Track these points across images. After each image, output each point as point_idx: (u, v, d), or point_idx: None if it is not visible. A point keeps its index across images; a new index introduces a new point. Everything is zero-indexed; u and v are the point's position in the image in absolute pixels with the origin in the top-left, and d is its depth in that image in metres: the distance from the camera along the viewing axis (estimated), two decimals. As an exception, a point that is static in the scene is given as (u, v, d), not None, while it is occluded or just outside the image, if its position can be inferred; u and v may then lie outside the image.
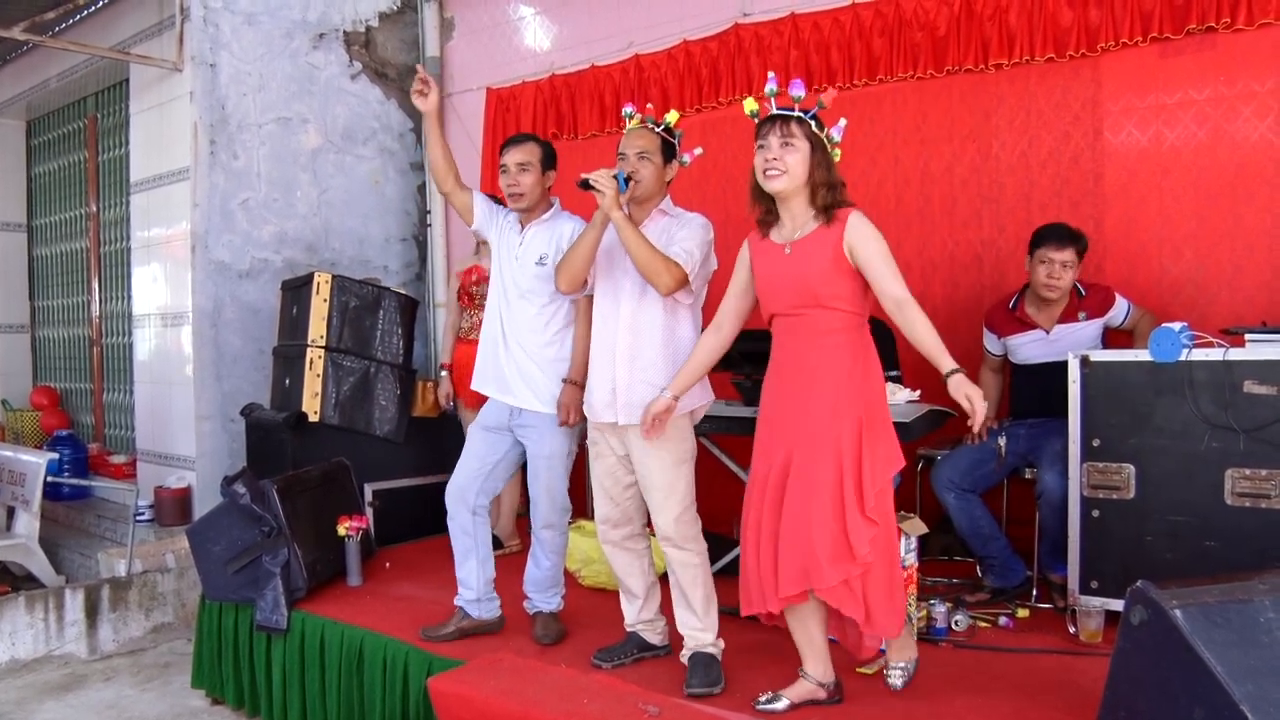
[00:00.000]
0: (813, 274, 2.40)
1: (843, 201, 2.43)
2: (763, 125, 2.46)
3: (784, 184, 2.41)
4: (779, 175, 2.40)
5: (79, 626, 4.34)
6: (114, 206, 6.26)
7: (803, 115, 2.43)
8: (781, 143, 2.40)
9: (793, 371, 2.46)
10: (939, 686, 2.61)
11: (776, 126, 2.42)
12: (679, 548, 2.72)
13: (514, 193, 3.05)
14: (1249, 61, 3.40)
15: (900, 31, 4.04)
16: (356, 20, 5.74)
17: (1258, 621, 1.78)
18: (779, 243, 2.49)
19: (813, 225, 2.44)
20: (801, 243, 2.44)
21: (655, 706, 2.50)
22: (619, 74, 4.90)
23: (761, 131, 2.45)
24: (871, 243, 2.38)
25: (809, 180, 2.41)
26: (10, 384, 7.10)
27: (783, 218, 2.50)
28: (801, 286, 2.42)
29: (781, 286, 2.47)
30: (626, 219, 2.64)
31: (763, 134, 2.44)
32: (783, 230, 2.50)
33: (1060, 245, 3.36)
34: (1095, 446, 3.05)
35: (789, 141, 2.40)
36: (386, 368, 4.65)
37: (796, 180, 2.41)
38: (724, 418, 3.58)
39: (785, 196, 2.44)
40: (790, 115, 2.42)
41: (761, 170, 2.43)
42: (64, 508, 5.89)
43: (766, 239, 2.54)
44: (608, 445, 2.83)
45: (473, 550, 3.18)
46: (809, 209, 2.44)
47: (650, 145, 2.77)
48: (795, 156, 2.39)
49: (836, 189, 2.42)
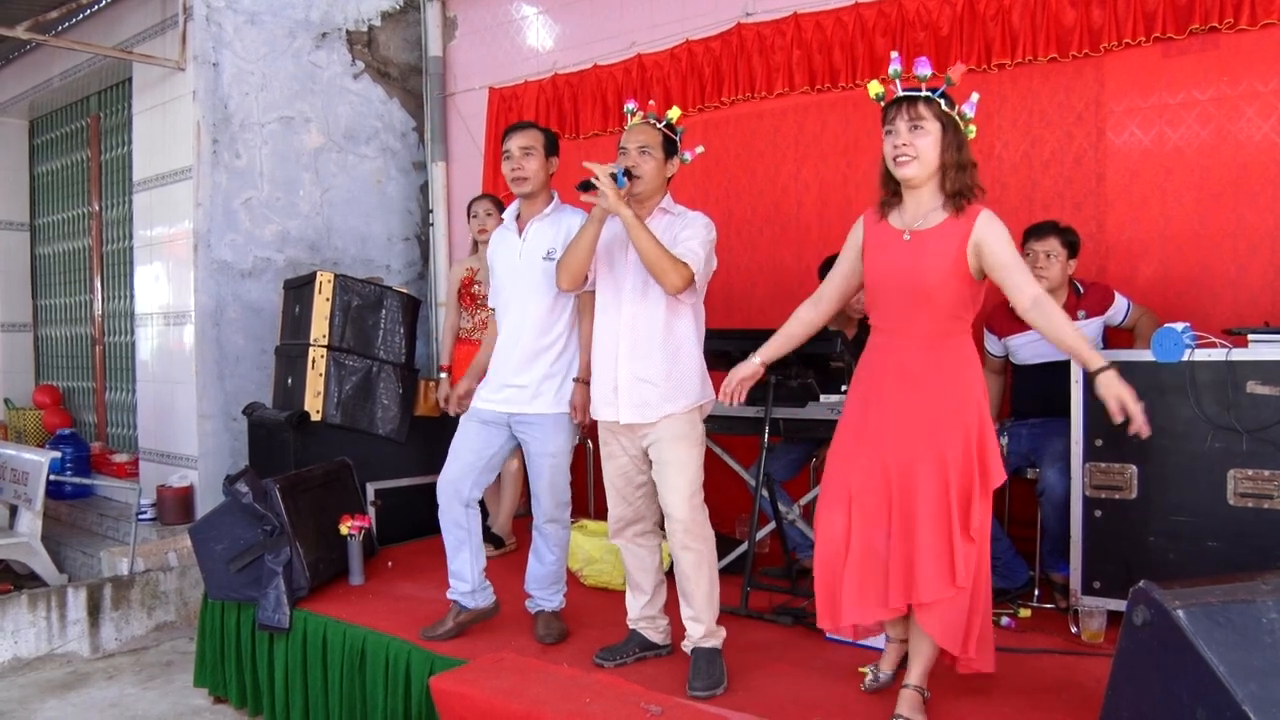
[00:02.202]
0: (931, 270, 2.27)
1: (975, 186, 2.30)
2: (889, 109, 2.32)
3: (915, 170, 2.28)
4: (909, 161, 2.27)
5: (81, 625, 4.34)
6: (116, 205, 6.27)
7: (930, 94, 2.29)
8: (911, 126, 2.27)
9: (895, 376, 2.33)
10: (940, 686, 2.61)
11: (904, 109, 2.28)
12: (689, 532, 2.69)
13: (518, 177, 3.02)
14: (1252, 62, 3.40)
15: (903, 31, 4.03)
16: (359, 20, 5.75)
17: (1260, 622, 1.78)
18: (898, 228, 2.35)
19: (939, 216, 2.31)
20: (924, 234, 2.30)
21: (658, 706, 2.50)
22: (621, 73, 4.91)
23: (888, 116, 2.31)
24: (1002, 240, 2.25)
25: (941, 163, 2.29)
26: (13, 382, 7.11)
27: (906, 202, 2.35)
28: (916, 281, 2.29)
29: (894, 278, 2.33)
30: (636, 218, 2.64)
31: (889, 118, 2.30)
32: (904, 215, 2.36)
33: (1041, 236, 3.39)
34: (1098, 446, 3.04)
35: (918, 124, 2.27)
36: (389, 367, 4.65)
37: (929, 165, 2.28)
38: (726, 417, 3.59)
39: (916, 184, 2.31)
40: (918, 96, 2.29)
41: (891, 157, 2.29)
42: (66, 506, 5.90)
43: (884, 221, 2.39)
44: (619, 446, 2.83)
45: (466, 542, 3.15)
46: (938, 195, 2.32)
47: (651, 140, 2.77)
48: (926, 140, 2.27)
49: (968, 170, 2.29)
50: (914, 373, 2.31)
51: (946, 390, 2.27)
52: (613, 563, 3.63)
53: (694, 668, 2.69)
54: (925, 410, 2.29)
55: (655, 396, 2.71)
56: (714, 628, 2.75)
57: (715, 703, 2.57)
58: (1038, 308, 2.25)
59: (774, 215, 4.50)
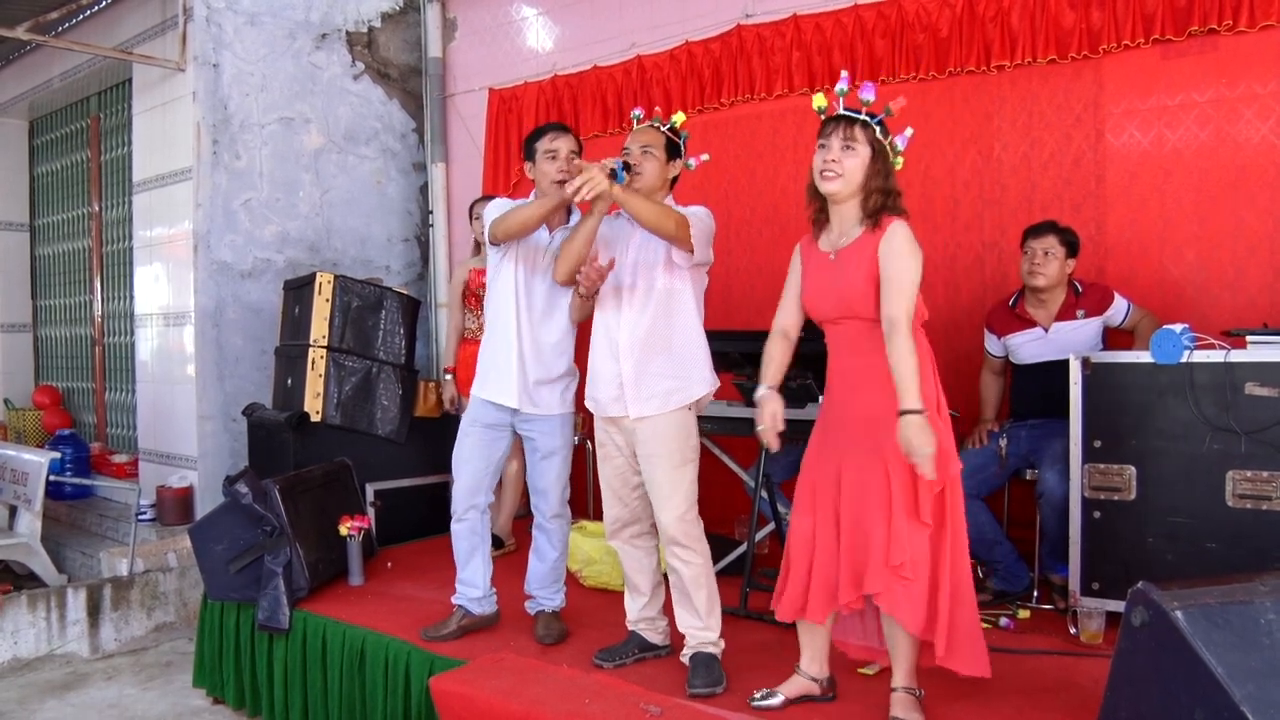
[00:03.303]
0: (850, 285, 2.36)
1: (893, 208, 2.37)
2: (827, 124, 2.40)
3: (838, 186, 2.36)
4: (834, 178, 2.36)
5: (81, 626, 4.34)
6: (116, 206, 6.27)
7: (868, 119, 2.37)
8: (843, 145, 2.35)
9: (840, 379, 2.44)
10: (939, 687, 2.61)
11: (840, 128, 2.36)
12: (682, 546, 2.72)
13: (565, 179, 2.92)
14: (1251, 64, 3.40)
15: (902, 33, 4.04)
16: (359, 21, 5.75)
17: (1258, 623, 1.78)
18: (825, 250, 2.45)
19: (858, 231, 2.39)
20: (845, 251, 2.40)
21: (657, 706, 2.50)
22: (621, 75, 4.91)
23: (825, 131, 2.39)
24: (895, 255, 2.30)
25: (864, 186, 2.36)
26: (12, 383, 7.11)
27: (832, 221, 2.45)
28: (840, 297, 2.38)
29: (824, 296, 2.43)
30: (628, 190, 2.66)
31: (825, 133, 2.39)
32: (830, 236, 2.46)
33: (1039, 234, 3.43)
34: (1096, 448, 3.05)
35: (850, 145, 2.35)
36: (389, 368, 4.65)
37: (851, 184, 2.36)
38: (725, 418, 3.59)
39: (838, 200, 2.39)
40: (856, 118, 2.37)
41: (818, 170, 2.38)
42: (66, 507, 5.90)
43: (815, 244, 2.49)
44: (615, 446, 2.84)
45: (479, 548, 3.19)
46: (858, 213, 2.39)
47: (654, 141, 2.80)
48: (854, 161, 2.35)
49: (890, 197, 2.36)
50: (853, 378, 2.41)
51: (885, 389, 2.32)
52: (612, 564, 3.63)
53: (693, 668, 2.70)
54: (865, 411, 2.37)
55: (663, 389, 2.72)
56: (715, 637, 2.76)
57: (715, 702, 2.57)
58: (891, 329, 2.28)
59: (773, 216, 4.51)
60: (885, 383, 2.31)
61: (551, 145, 2.99)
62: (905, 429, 2.21)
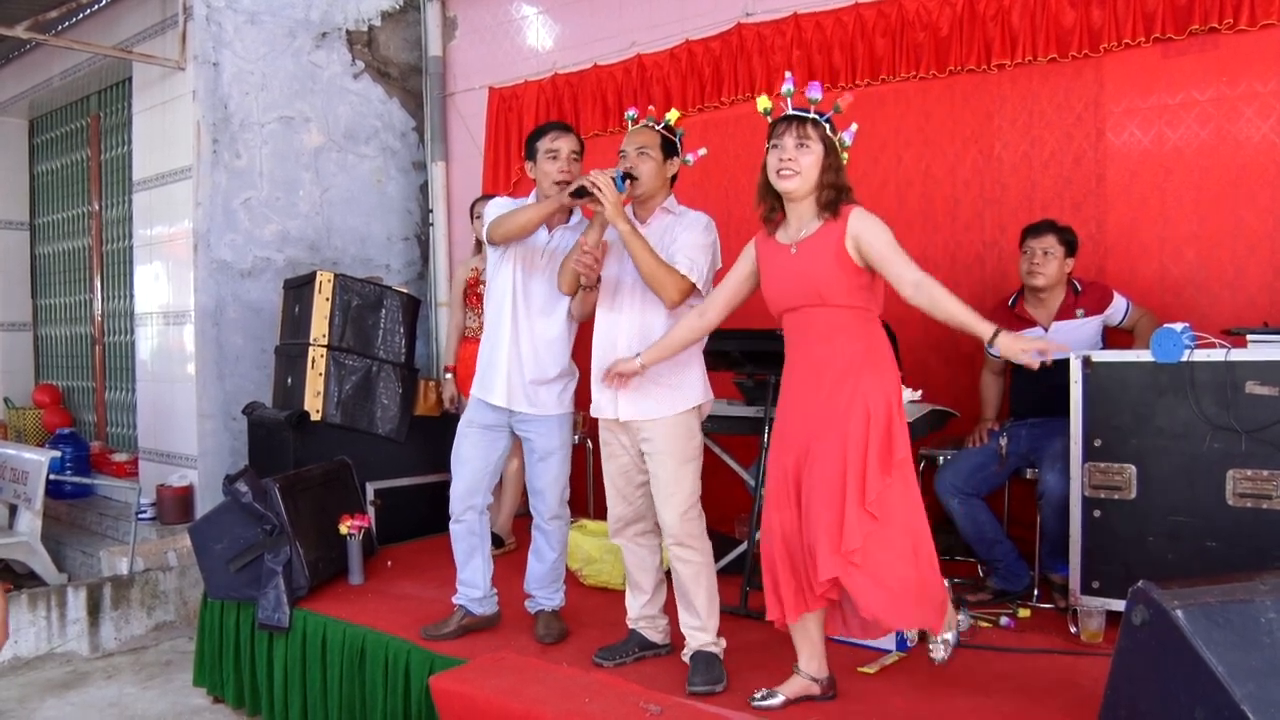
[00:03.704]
0: (817, 272, 2.40)
1: (848, 201, 2.44)
2: (777, 125, 2.45)
3: (796, 184, 2.41)
4: (792, 175, 2.40)
5: (81, 624, 4.34)
6: (116, 205, 6.27)
7: (818, 118, 2.43)
8: (797, 144, 2.40)
9: (803, 369, 2.47)
10: (940, 686, 2.61)
11: (793, 127, 2.42)
12: (683, 545, 2.72)
13: (566, 180, 2.93)
14: (1251, 62, 3.40)
15: (903, 32, 4.04)
16: (359, 19, 5.75)
17: (1259, 622, 1.78)
18: (785, 243, 2.49)
19: (816, 224, 2.44)
20: (806, 242, 2.44)
21: (657, 705, 2.50)
22: (621, 73, 4.91)
23: (776, 131, 2.45)
24: (876, 232, 2.37)
25: (819, 182, 2.42)
26: (12, 382, 7.11)
27: (789, 217, 2.50)
28: (807, 285, 2.42)
29: (788, 286, 2.47)
30: (632, 230, 2.67)
31: (777, 133, 2.44)
32: (789, 230, 2.51)
33: (1039, 234, 3.43)
34: (1097, 447, 3.05)
35: (804, 143, 2.40)
36: (389, 367, 4.65)
37: (809, 182, 2.41)
38: (726, 417, 3.59)
39: (795, 197, 2.45)
40: (806, 117, 2.42)
41: (775, 170, 2.43)
42: (66, 506, 5.90)
43: (772, 239, 2.54)
44: (620, 445, 2.84)
45: (478, 548, 3.19)
46: (814, 208, 2.45)
47: (650, 141, 2.79)
48: (810, 158, 2.40)
49: (843, 192, 2.43)
50: (816, 367, 2.43)
51: (846, 377, 2.37)
52: (612, 563, 3.63)
53: (693, 667, 2.70)
54: (824, 399, 2.40)
55: (655, 395, 2.72)
56: (715, 636, 2.76)
57: (715, 702, 2.57)
58: (920, 291, 2.32)
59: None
60: (852, 368, 2.38)
61: (553, 145, 2.98)
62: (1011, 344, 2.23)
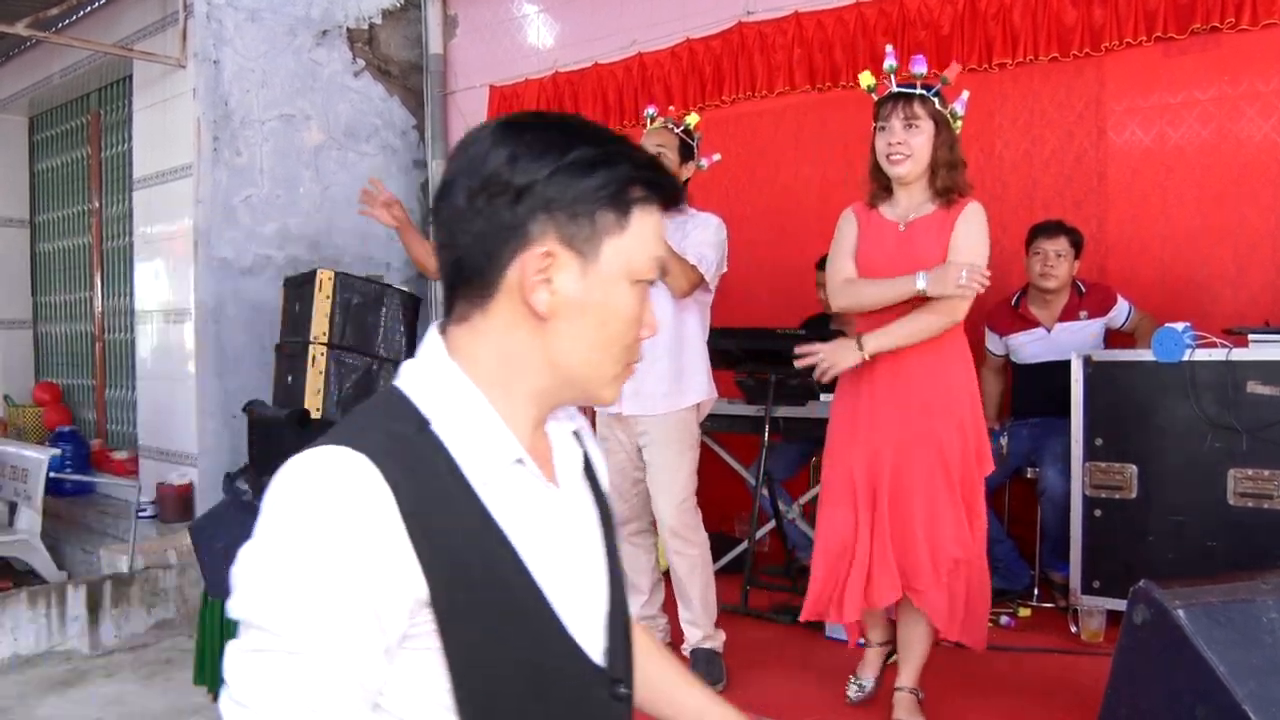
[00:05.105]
0: (924, 257, 2.26)
1: (962, 184, 2.30)
2: (882, 104, 2.30)
3: (909, 168, 2.27)
4: (904, 160, 2.27)
5: (81, 622, 4.34)
6: (116, 203, 6.26)
7: (925, 92, 2.28)
8: (905, 124, 2.26)
9: (887, 366, 2.31)
10: (940, 686, 2.61)
11: (899, 107, 2.26)
12: (680, 537, 2.71)
13: None
14: (1253, 61, 3.39)
15: (904, 30, 4.03)
16: (360, 17, 5.74)
17: (1260, 621, 1.78)
18: (892, 219, 2.34)
19: (930, 207, 2.31)
20: (917, 223, 2.30)
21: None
22: (622, 72, 4.90)
23: (882, 112, 2.29)
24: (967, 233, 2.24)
25: (933, 161, 2.28)
26: (12, 380, 7.10)
27: (898, 195, 2.35)
28: (913, 268, 2.26)
29: (891, 264, 2.31)
30: None
31: (883, 115, 2.29)
32: (896, 207, 2.35)
33: (1051, 235, 3.41)
34: (1098, 446, 3.04)
35: (913, 123, 2.25)
36: (389, 365, 4.65)
37: (921, 163, 2.28)
38: (726, 416, 3.59)
39: (908, 180, 2.30)
40: (914, 93, 2.27)
41: (884, 154, 2.29)
42: (66, 504, 5.88)
43: (875, 211, 2.38)
44: (617, 441, 2.84)
45: None
46: (928, 190, 2.31)
47: (667, 142, 2.78)
48: (920, 138, 2.26)
49: (958, 169, 2.29)
50: (907, 362, 2.29)
51: (939, 379, 2.28)
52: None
53: (693, 667, 2.69)
54: (919, 399, 2.29)
55: (659, 390, 2.72)
56: (712, 630, 2.76)
57: (715, 701, 2.56)
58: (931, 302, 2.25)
59: (774, 214, 4.50)
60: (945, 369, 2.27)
61: None
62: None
